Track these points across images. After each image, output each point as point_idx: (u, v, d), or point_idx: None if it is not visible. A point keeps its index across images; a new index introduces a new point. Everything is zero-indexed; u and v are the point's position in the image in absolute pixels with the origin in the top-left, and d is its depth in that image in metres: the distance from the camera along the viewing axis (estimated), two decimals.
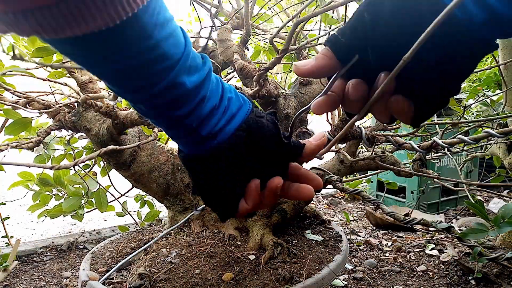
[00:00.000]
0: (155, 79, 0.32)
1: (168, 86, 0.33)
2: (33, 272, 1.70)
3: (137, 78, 0.32)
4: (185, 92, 0.34)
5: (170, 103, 0.34)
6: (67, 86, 1.29)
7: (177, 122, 0.36)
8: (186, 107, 0.35)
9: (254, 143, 0.39)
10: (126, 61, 0.30)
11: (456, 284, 1.50)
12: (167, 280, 0.89)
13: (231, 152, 0.38)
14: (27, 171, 1.42)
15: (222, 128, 0.37)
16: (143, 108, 0.35)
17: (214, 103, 0.37)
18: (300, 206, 1.11)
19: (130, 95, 0.34)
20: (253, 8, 1.21)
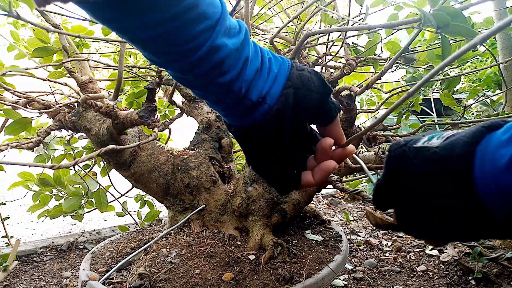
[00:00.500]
0: (198, 41, 0.31)
1: (211, 48, 0.32)
2: (33, 272, 1.70)
3: (179, 42, 0.31)
4: (228, 54, 0.33)
5: (216, 68, 0.33)
6: (67, 86, 1.29)
7: (226, 91, 0.35)
8: (232, 71, 0.34)
9: (301, 99, 0.38)
10: (167, 23, 0.29)
11: (456, 284, 1.50)
12: (167, 280, 0.89)
13: (281, 115, 0.37)
14: (27, 171, 1.42)
15: (269, 90, 0.37)
16: (192, 78, 0.35)
17: (257, 66, 0.36)
18: (300, 206, 1.11)
19: (177, 64, 0.33)
20: (253, 8, 1.21)
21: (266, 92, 0.36)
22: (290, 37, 1.46)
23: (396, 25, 0.48)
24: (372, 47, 1.22)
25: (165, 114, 1.61)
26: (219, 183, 1.17)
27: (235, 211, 1.09)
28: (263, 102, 0.36)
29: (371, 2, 1.13)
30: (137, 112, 0.95)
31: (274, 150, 0.39)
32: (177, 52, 0.32)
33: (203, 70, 0.33)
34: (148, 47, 0.32)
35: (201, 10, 0.30)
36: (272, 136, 0.38)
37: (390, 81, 1.66)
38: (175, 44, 0.31)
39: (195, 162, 1.16)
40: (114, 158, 1.10)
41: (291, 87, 0.37)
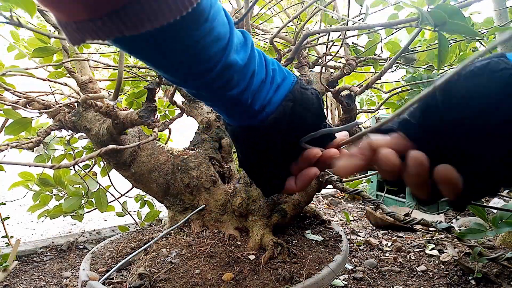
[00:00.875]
0: (213, 62, 0.32)
1: (224, 67, 0.33)
2: (33, 272, 1.70)
3: (197, 64, 0.32)
4: (238, 70, 0.34)
5: (227, 84, 0.34)
6: (67, 86, 1.29)
7: (235, 101, 0.36)
8: (241, 85, 0.35)
9: (297, 114, 0.39)
10: (187, 50, 0.30)
11: (456, 284, 1.50)
12: (167, 280, 0.89)
13: (276, 125, 0.38)
14: (27, 171, 1.42)
15: (270, 99, 0.38)
16: (204, 93, 0.36)
17: (262, 77, 0.37)
18: (300, 206, 1.11)
19: (192, 83, 0.34)
20: (253, 8, 1.21)
21: (268, 101, 0.38)
22: (290, 37, 1.46)
23: (394, 24, 0.48)
24: (372, 47, 1.22)
25: (165, 114, 1.61)
26: (219, 183, 1.17)
27: (235, 211, 1.09)
28: (263, 110, 0.38)
29: (371, 2, 1.13)
30: (137, 112, 0.95)
31: (265, 155, 0.40)
32: (194, 73, 0.33)
33: (216, 86, 0.34)
34: (168, 72, 0.33)
35: (217, 32, 0.31)
36: (264, 141, 0.39)
37: (390, 81, 1.66)
38: (192, 67, 0.32)
39: (195, 162, 1.16)
40: (114, 158, 1.10)
41: (291, 101, 0.38)
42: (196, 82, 0.34)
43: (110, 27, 0.25)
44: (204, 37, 0.30)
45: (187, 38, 0.29)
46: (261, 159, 0.40)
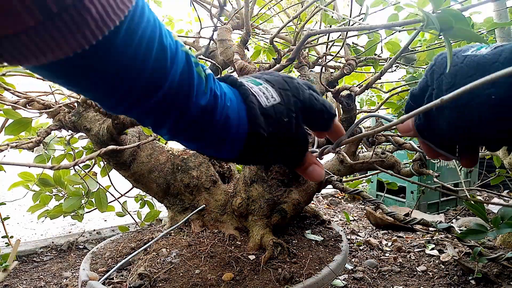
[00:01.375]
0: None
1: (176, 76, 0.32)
2: (33, 272, 1.70)
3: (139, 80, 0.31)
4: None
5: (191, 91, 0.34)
6: None
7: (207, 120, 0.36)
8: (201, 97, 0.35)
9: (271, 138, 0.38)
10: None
11: (456, 284, 1.50)
12: (167, 280, 0.89)
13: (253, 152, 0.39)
14: (27, 171, 1.42)
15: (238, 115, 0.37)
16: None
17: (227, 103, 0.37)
18: (300, 206, 1.11)
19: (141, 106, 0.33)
20: (253, 8, 1.21)
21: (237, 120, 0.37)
22: (290, 37, 1.46)
23: (397, 25, 0.48)
24: (372, 47, 1.22)
25: None
26: (219, 183, 1.17)
27: (235, 211, 1.09)
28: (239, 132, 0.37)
29: (371, 2, 1.13)
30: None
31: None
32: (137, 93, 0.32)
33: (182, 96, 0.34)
34: (112, 97, 0.32)
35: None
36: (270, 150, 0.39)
37: (390, 81, 1.66)
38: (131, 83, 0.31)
39: (195, 162, 1.16)
40: (114, 158, 1.10)
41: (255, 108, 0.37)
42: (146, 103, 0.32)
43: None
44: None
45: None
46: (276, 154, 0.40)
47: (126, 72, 0.29)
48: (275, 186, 1.07)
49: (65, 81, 0.28)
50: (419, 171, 1.11)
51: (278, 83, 0.40)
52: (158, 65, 0.30)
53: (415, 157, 1.14)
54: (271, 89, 0.39)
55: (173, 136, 0.37)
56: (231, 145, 0.37)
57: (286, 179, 1.08)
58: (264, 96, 0.38)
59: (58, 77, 0.28)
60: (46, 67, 0.26)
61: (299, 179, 1.12)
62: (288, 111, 0.38)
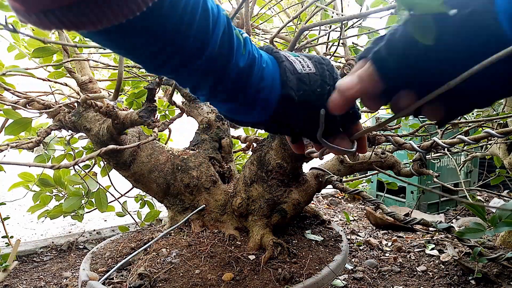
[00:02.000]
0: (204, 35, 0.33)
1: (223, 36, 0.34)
2: (33, 272, 1.70)
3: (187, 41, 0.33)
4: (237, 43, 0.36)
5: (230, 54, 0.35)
6: (67, 86, 1.29)
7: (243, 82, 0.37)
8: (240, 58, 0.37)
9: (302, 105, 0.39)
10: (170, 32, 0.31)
11: (456, 284, 1.50)
12: (167, 280, 0.89)
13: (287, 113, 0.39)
14: (27, 172, 1.42)
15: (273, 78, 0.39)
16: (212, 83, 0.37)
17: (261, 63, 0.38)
18: (300, 206, 1.11)
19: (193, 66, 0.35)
20: (253, 8, 1.21)
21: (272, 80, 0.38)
22: (290, 37, 1.46)
23: (375, 12, 0.48)
24: None
25: (165, 114, 1.61)
26: (219, 183, 1.17)
27: (235, 211, 1.09)
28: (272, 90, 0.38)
29: (371, 2, 1.13)
30: (137, 112, 0.95)
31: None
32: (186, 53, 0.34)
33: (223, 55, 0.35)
34: (167, 56, 0.34)
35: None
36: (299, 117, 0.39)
37: None
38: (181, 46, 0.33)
39: (195, 162, 1.16)
40: (114, 158, 1.10)
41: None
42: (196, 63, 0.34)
43: (50, 22, 0.25)
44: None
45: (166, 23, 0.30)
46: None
47: (173, 34, 0.30)
48: (275, 186, 1.07)
49: (115, 44, 0.31)
50: (419, 171, 1.11)
51: (315, 57, 0.41)
52: (202, 27, 0.32)
53: (415, 157, 1.14)
54: (307, 60, 0.40)
55: (212, 96, 0.38)
56: (262, 107, 0.38)
57: (286, 179, 1.08)
58: (300, 64, 0.39)
59: (111, 40, 0.30)
60: (101, 32, 0.28)
61: (299, 179, 1.12)
62: (322, 82, 0.38)
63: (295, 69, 0.38)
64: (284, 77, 0.37)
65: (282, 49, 1.36)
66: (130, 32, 0.29)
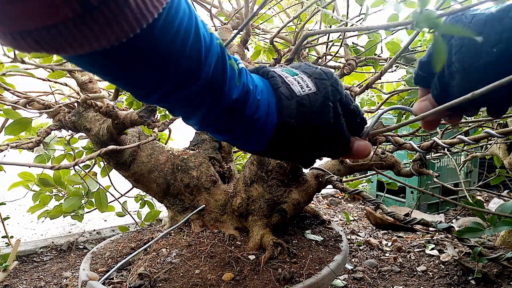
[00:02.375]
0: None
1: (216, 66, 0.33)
2: (33, 272, 1.70)
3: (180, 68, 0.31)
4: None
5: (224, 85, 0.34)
6: (67, 86, 1.29)
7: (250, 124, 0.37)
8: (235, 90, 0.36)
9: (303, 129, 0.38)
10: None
11: (456, 284, 1.50)
12: (167, 280, 0.89)
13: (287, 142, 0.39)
14: (27, 172, 1.42)
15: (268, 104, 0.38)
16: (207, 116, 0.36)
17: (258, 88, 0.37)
18: (300, 206, 1.11)
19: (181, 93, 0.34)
20: (253, 8, 1.21)
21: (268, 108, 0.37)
22: (290, 37, 1.46)
23: (392, 26, 0.49)
24: (372, 47, 1.22)
25: (165, 114, 1.61)
26: (219, 183, 1.17)
27: (235, 211, 1.09)
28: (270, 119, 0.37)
29: (372, 2, 1.13)
30: (137, 112, 0.95)
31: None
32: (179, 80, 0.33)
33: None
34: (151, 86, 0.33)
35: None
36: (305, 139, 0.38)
37: (390, 81, 1.66)
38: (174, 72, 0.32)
39: (195, 162, 1.16)
40: (114, 158, 1.10)
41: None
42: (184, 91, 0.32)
43: (27, 44, 0.23)
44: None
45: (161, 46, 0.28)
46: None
47: (161, 63, 0.29)
48: (275, 186, 1.07)
49: (100, 70, 0.29)
50: (419, 171, 1.11)
51: (315, 73, 0.39)
52: (193, 56, 0.30)
53: (415, 157, 1.14)
54: (306, 79, 0.38)
55: (202, 127, 0.37)
56: (260, 137, 0.37)
57: (286, 179, 1.08)
58: (298, 85, 0.37)
59: (94, 66, 0.28)
60: (82, 57, 0.26)
61: (299, 179, 1.12)
62: (324, 99, 0.37)
63: (293, 92, 0.37)
64: (279, 106, 0.36)
65: (283, 49, 1.36)
66: (116, 58, 0.27)
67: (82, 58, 0.26)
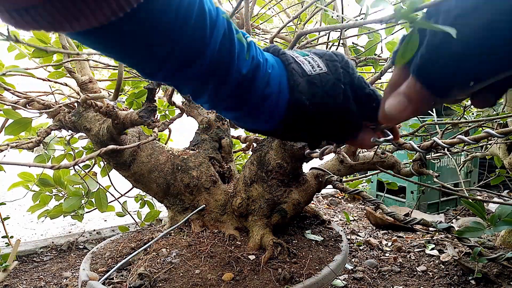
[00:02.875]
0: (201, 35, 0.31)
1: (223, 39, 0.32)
2: (33, 272, 1.70)
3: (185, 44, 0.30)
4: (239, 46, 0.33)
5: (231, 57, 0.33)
6: (67, 86, 1.29)
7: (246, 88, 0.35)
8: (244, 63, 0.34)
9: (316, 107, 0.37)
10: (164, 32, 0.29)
11: (456, 284, 1.50)
12: (167, 280, 0.89)
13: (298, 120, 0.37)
14: (27, 172, 1.42)
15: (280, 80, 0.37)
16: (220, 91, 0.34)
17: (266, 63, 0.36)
18: (300, 206, 1.11)
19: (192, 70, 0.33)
20: (253, 8, 1.21)
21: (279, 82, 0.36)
22: (290, 37, 1.46)
23: (376, 22, 0.48)
24: (372, 47, 1.22)
25: (165, 114, 1.61)
26: (219, 183, 1.17)
27: (235, 211, 1.09)
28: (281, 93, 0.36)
29: (371, 2, 1.12)
30: (137, 112, 0.95)
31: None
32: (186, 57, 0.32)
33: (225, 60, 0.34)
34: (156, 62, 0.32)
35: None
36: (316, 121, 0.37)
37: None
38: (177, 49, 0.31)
39: (195, 162, 1.16)
40: (114, 158, 1.10)
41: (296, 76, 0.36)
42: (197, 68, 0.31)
43: (25, 21, 0.22)
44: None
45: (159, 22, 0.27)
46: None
47: (164, 39, 0.28)
48: (275, 186, 1.07)
49: (102, 47, 0.28)
50: (419, 171, 1.11)
51: (326, 55, 0.38)
52: (197, 31, 0.29)
53: (415, 157, 1.14)
54: (317, 59, 0.37)
55: (213, 104, 0.36)
56: (271, 115, 0.36)
57: (286, 179, 1.08)
58: (309, 65, 0.36)
59: (95, 42, 0.27)
60: (82, 34, 0.25)
61: (299, 179, 1.12)
62: (336, 81, 0.35)
63: (304, 71, 0.35)
64: (291, 81, 0.35)
65: (283, 48, 1.36)
66: (118, 33, 0.26)
67: (83, 35, 0.26)
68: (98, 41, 0.27)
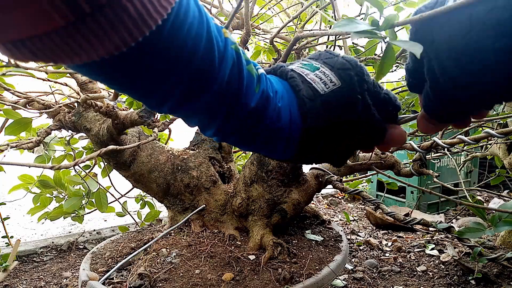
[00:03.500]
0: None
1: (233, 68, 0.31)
2: (33, 272, 1.70)
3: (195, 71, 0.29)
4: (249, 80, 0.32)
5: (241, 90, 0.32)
6: (67, 86, 1.29)
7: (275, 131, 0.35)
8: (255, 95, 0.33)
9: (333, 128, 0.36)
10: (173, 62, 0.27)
11: (456, 284, 1.50)
12: (167, 280, 0.89)
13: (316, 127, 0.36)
14: (27, 174, 1.42)
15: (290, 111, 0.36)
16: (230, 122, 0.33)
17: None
18: (300, 206, 1.11)
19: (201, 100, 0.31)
20: (253, 8, 1.21)
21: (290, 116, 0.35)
22: (290, 37, 1.46)
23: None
24: (372, 47, 1.22)
25: (165, 114, 1.61)
26: (219, 183, 1.17)
27: (235, 211, 1.09)
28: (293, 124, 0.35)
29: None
30: (137, 112, 0.95)
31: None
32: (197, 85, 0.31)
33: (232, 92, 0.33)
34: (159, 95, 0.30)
35: None
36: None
37: (390, 81, 1.66)
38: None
39: (195, 162, 1.16)
40: (114, 158, 1.10)
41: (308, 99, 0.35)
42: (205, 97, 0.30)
43: (21, 53, 0.21)
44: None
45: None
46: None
47: (169, 73, 0.27)
48: (275, 186, 1.07)
49: (105, 79, 0.27)
50: (419, 171, 1.11)
51: (338, 63, 0.35)
52: (205, 65, 0.28)
53: (415, 157, 1.14)
54: (329, 73, 0.35)
55: (221, 138, 0.35)
56: (286, 145, 0.35)
57: (286, 179, 1.08)
58: (321, 82, 0.34)
59: (97, 75, 0.26)
60: (83, 66, 0.24)
61: (299, 179, 1.12)
62: (351, 92, 0.34)
63: (316, 91, 0.34)
64: (303, 109, 0.34)
65: (283, 49, 1.36)
66: (118, 67, 0.25)
67: (83, 67, 0.25)
68: (98, 73, 0.26)
